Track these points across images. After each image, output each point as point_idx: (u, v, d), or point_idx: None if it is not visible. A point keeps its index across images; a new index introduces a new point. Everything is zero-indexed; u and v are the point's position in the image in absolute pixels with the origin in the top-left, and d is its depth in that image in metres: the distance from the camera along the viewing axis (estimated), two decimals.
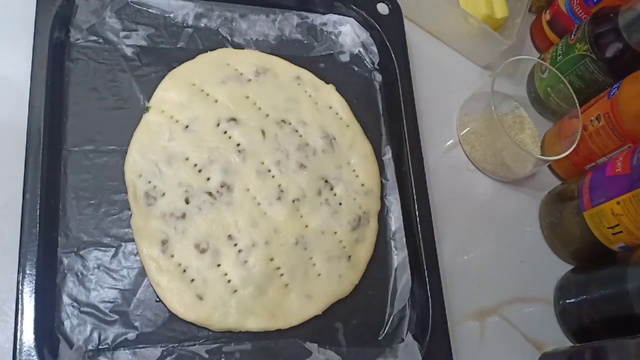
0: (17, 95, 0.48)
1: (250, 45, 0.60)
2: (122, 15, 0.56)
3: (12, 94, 0.50)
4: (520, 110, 0.70)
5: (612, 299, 0.54)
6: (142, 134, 0.51)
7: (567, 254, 0.63)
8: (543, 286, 0.62)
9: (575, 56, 0.64)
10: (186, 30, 0.58)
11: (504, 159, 0.63)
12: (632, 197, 0.52)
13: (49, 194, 0.46)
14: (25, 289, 0.42)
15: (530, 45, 0.78)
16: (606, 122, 0.59)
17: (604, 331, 0.55)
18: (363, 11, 0.63)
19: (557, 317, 0.61)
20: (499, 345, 0.57)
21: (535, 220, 0.66)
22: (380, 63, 0.63)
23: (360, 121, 0.60)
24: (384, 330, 0.52)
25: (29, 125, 0.47)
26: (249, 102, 0.56)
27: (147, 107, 0.53)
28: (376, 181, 0.58)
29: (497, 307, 0.59)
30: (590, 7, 0.67)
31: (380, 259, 0.55)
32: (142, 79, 0.54)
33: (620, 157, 0.56)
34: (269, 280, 0.50)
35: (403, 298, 0.53)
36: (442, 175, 0.63)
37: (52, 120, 0.48)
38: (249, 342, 0.48)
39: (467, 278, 0.59)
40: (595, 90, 0.64)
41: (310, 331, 0.50)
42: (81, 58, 0.53)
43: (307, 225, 0.53)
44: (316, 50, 0.62)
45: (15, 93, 0.49)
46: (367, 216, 0.56)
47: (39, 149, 0.46)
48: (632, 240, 0.55)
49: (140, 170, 0.50)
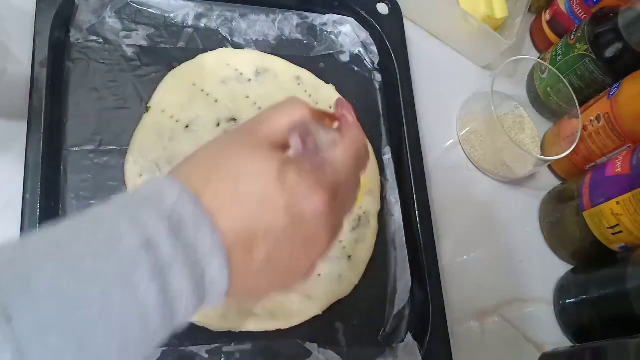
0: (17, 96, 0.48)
1: (250, 45, 0.60)
2: (122, 15, 0.56)
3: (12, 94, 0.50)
4: (520, 110, 0.70)
5: (612, 299, 0.54)
6: (142, 134, 0.51)
7: (567, 254, 0.63)
8: (543, 286, 0.62)
9: (575, 56, 0.64)
10: (186, 30, 0.58)
11: (504, 159, 0.63)
12: (632, 197, 0.52)
13: (49, 194, 0.46)
14: None
15: (530, 45, 0.78)
16: (606, 122, 0.59)
17: (604, 331, 0.55)
18: (363, 11, 0.63)
19: (557, 317, 0.61)
20: (499, 345, 0.57)
21: (535, 220, 0.66)
22: (380, 63, 0.63)
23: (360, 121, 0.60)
24: (384, 330, 0.52)
25: (29, 125, 0.47)
26: (249, 102, 0.56)
27: (147, 107, 0.53)
28: (376, 181, 0.58)
29: (497, 307, 0.59)
30: (590, 7, 0.67)
31: (380, 259, 0.55)
32: (142, 79, 0.54)
33: (620, 157, 0.56)
34: None
35: (403, 298, 0.53)
36: (442, 175, 0.63)
37: (52, 120, 0.48)
38: (249, 342, 0.48)
39: (467, 278, 0.59)
40: (595, 90, 0.64)
41: (310, 331, 0.50)
42: (81, 58, 0.53)
43: None
44: (316, 50, 0.62)
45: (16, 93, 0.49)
46: (367, 216, 0.56)
47: (39, 149, 0.46)
48: (632, 240, 0.55)
49: (141, 171, 0.50)
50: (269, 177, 0.28)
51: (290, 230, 0.28)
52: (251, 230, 0.27)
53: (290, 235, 0.28)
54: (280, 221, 0.28)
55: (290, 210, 0.28)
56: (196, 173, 0.29)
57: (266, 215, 0.28)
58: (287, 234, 0.28)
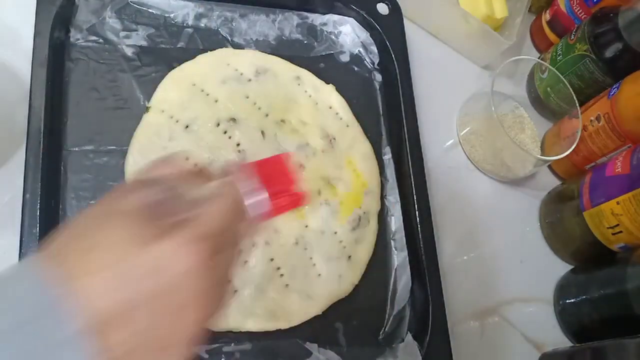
0: (17, 96, 0.48)
1: (250, 45, 0.60)
2: (122, 15, 0.56)
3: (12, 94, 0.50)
4: (520, 110, 0.70)
5: (612, 299, 0.54)
6: (142, 134, 0.51)
7: (567, 254, 0.63)
8: (543, 286, 0.62)
9: (575, 56, 0.64)
10: (186, 30, 0.58)
11: (504, 159, 0.63)
12: (632, 197, 0.52)
13: (49, 194, 0.46)
14: None
15: (530, 45, 0.78)
16: (606, 122, 0.59)
17: (604, 331, 0.55)
18: (363, 11, 0.63)
19: (557, 317, 0.61)
20: (499, 345, 0.57)
21: (535, 220, 0.66)
22: (380, 63, 0.63)
23: (360, 121, 0.60)
24: (384, 330, 0.52)
25: (29, 125, 0.46)
26: (249, 102, 0.56)
27: (147, 107, 0.53)
28: (376, 181, 0.58)
29: (497, 307, 0.59)
30: (590, 7, 0.67)
31: (380, 259, 0.55)
32: (142, 79, 0.54)
33: (620, 157, 0.56)
34: (269, 281, 0.50)
35: (403, 298, 0.53)
36: (442, 175, 0.63)
37: (52, 120, 0.48)
38: (249, 342, 0.48)
39: (467, 278, 0.59)
40: (595, 90, 0.64)
41: (310, 331, 0.50)
42: (81, 58, 0.53)
43: (307, 225, 0.53)
44: (316, 50, 0.62)
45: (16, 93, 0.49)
46: (367, 216, 0.55)
47: (39, 149, 0.46)
48: (632, 240, 0.55)
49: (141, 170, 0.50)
50: (126, 244, 0.25)
51: (161, 297, 0.25)
52: (113, 309, 0.24)
53: (162, 304, 0.25)
54: (145, 290, 0.25)
55: (156, 274, 0.25)
56: (54, 251, 0.26)
57: (127, 287, 0.25)
58: (158, 303, 0.25)
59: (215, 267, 0.28)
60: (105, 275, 0.25)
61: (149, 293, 0.25)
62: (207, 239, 0.27)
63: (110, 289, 0.24)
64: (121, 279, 0.25)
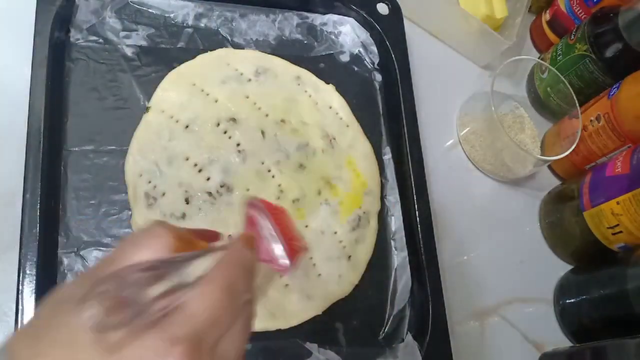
0: (17, 96, 0.48)
1: (250, 45, 0.60)
2: (122, 15, 0.56)
3: (12, 94, 0.50)
4: (520, 110, 0.70)
5: (612, 299, 0.54)
6: (142, 134, 0.51)
7: (567, 254, 0.63)
8: (543, 286, 0.62)
9: (575, 56, 0.64)
10: (186, 30, 0.58)
11: (504, 159, 0.63)
12: (632, 197, 0.53)
13: (49, 194, 0.46)
14: (25, 289, 0.42)
15: (530, 45, 0.78)
16: (606, 122, 0.59)
17: (604, 331, 0.55)
18: (363, 11, 0.63)
19: (557, 317, 0.61)
20: (499, 345, 0.57)
21: (535, 220, 0.66)
22: (380, 63, 0.63)
23: (360, 121, 0.60)
24: (384, 330, 0.52)
25: (29, 126, 0.47)
26: (249, 102, 0.56)
27: (147, 107, 0.53)
28: (376, 181, 0.58)
29: (497, 307, 0.59)
30: (590, 7, 0.67)
31: (380, 259, 0.55)
32: (142, 79, 0.54)
33: (620, 157, 0.56)
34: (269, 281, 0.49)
35: (403, 298, 0.53)
36: (442, 175, 0.63)
37: (52, 120, 0.48)
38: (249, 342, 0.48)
39: (467, 278, 0.59)
40: (595, 90, 0.64)
41: (310, 331, 0.50)
42: (81, 58, 0.53)
43: (307, 225, 0.53)
44: (316, 50, 0.62)
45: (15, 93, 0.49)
46: (367, 216, 0.55)
47: (39, 149, 0.46)
48: (632, 240, 0.55)
49: (141, 170, 0.50)
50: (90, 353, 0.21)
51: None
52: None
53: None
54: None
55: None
56: (20, 350, 0.22)
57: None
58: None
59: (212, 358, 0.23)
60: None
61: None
62: (192, 338, 0.22)
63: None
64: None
